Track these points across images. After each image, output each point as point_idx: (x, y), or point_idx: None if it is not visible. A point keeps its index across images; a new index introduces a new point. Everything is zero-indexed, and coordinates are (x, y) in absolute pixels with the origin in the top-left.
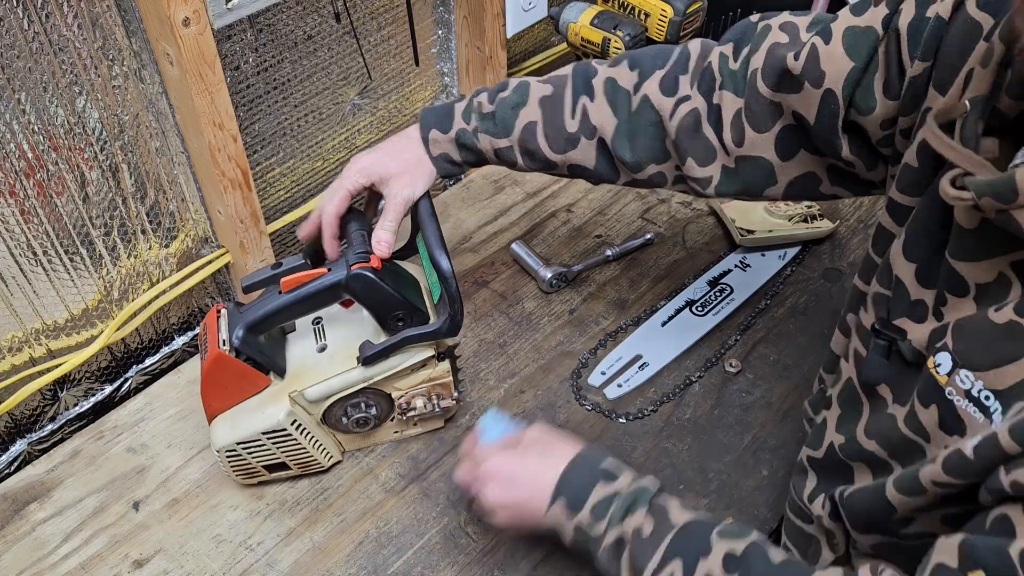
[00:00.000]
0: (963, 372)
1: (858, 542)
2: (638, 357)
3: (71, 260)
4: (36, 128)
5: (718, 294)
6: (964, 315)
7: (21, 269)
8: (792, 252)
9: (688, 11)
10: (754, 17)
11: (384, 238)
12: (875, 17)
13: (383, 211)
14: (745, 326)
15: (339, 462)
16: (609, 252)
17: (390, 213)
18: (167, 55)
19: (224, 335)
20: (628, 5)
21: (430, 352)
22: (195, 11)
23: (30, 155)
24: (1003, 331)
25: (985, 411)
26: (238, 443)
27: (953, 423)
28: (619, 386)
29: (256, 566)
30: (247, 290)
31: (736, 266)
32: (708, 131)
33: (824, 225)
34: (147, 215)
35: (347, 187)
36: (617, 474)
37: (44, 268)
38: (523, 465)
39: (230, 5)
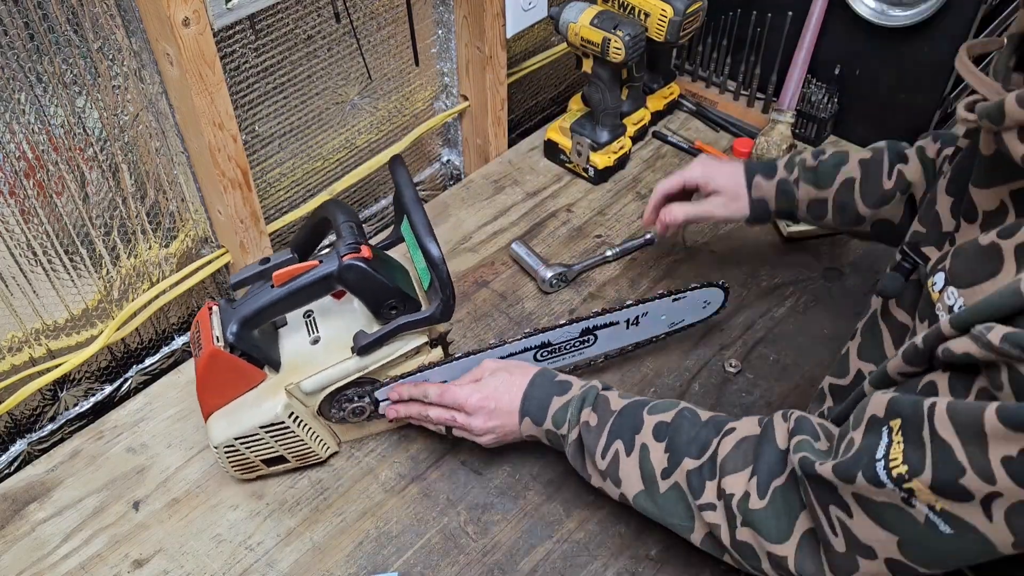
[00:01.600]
0: (950, 289)
1: None
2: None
3: (71, 260)
4: (36, 128)
5: (579, 343)
6: (966, 239)
7: (21, 269)
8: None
9: (688, 11)
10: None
11: (676, 213)
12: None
13: (696, 204)
14: (745, 326)
15: (336, 453)
16: (609, 252)
17: (700, 208)
18: (167, 55)
19: (218, 331)
20: (628, 5)
21: (423, 339)
22: (195, 11)
23: (30, 155)
24: (985, 252)
25: None
26: (236, 438)
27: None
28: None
29: (256, 566)
30: (236, 287)
31: (632, 319)
32: None
33: None
34: (147, 215)
35: (686, 176)
36: (568, 386)
37: (44, 268)
38: (493, 396)
39: (230, 5)
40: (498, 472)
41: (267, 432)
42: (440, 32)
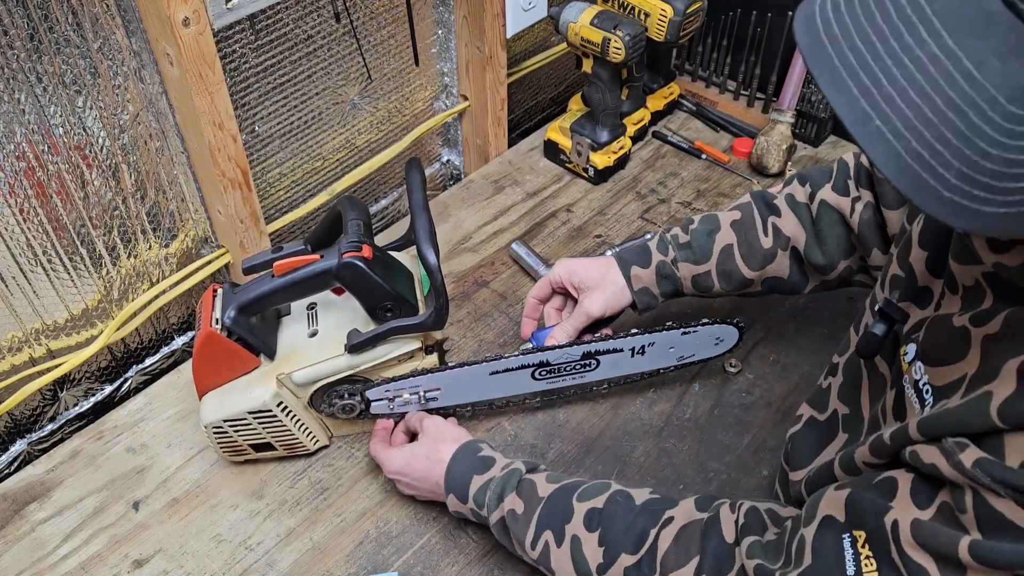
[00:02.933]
0: (919, 363)
1: None
2: (437, 389)
3: (71, 260)
4: (36, 128)
5: (580, 366)
6: (946, 312)
7: (21, 269)
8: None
9: (688, 11)
10: None
11: (559, 338)
12: None
13: (570, 317)
14: (745, 326)
15: (326, 446)
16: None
17: (575, 320)
18: (167, 55)
19: (218, 314)
20: (628, 5)
21: (417, 344)
22: (195, 11)
23: (30, 155)
24: (956, 334)
25: (922, 402)
26: (225, 420)
27: (900, 409)
28: (390, 404)
29: (256, 566)
30: (246, 272)
31: (640, 347)
32: (883, 221)
33: None
34: (147, 215)
35: (551, 280)
36: (490, 463)
37: (44, 268)
38: (417, 466)
39: (230, 5)
40: None
41: (255, 418)
42: (440, 32)
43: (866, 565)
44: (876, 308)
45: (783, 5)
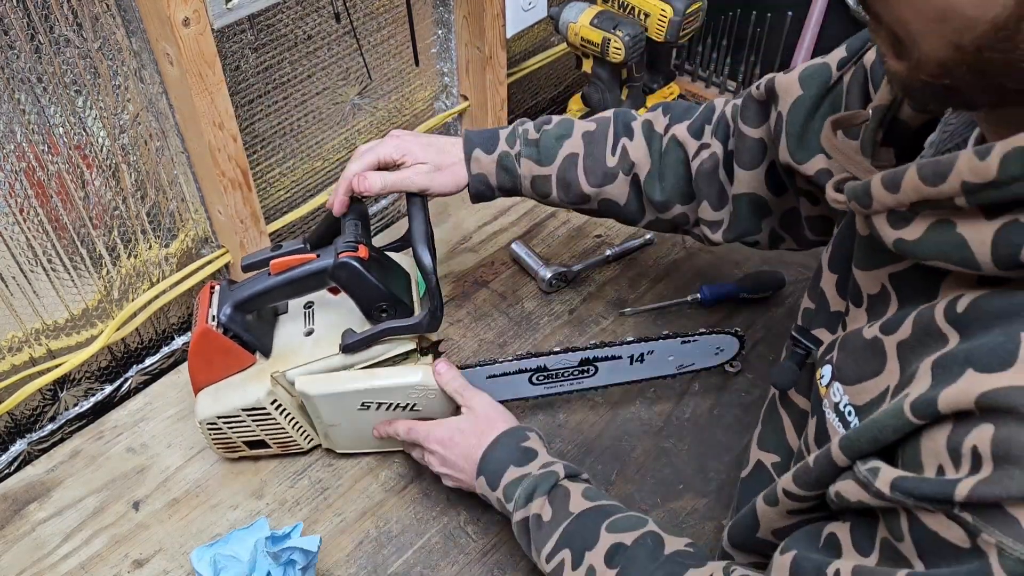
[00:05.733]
0: (836, 384)
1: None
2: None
3: (71, 260)
4: (36, 128)
5: (579, 371)
6: (854, 327)
7: (21, 269)
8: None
9: (688, 11)
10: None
11: (372, 180)
12: (832, 57)
13: (397, 171)
14: (745, 326)
15: (319, 445)
16: (609, 252)
17: (394, 177)
18: (167, 55)
19: (214, 311)
20: (628, 5)
21: (411, 345)
22: (195, 11)
23: (30, 155)
24: (868, 347)
25: (846, 425)
26: (219, 417)
27: (823, 436)
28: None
29: None
30: (245, 269)
31: (638, 356)
32: (722, 176)
33: None
34: (147, 215)
35: (379, 153)
36: (532, 456)
37: (44, 268)
38: (460, 442)
39: (230, 5)
40: None
41: (249, 415)
42: (440, 32)
43: None
44: (790, 335)
45: (783, 5)
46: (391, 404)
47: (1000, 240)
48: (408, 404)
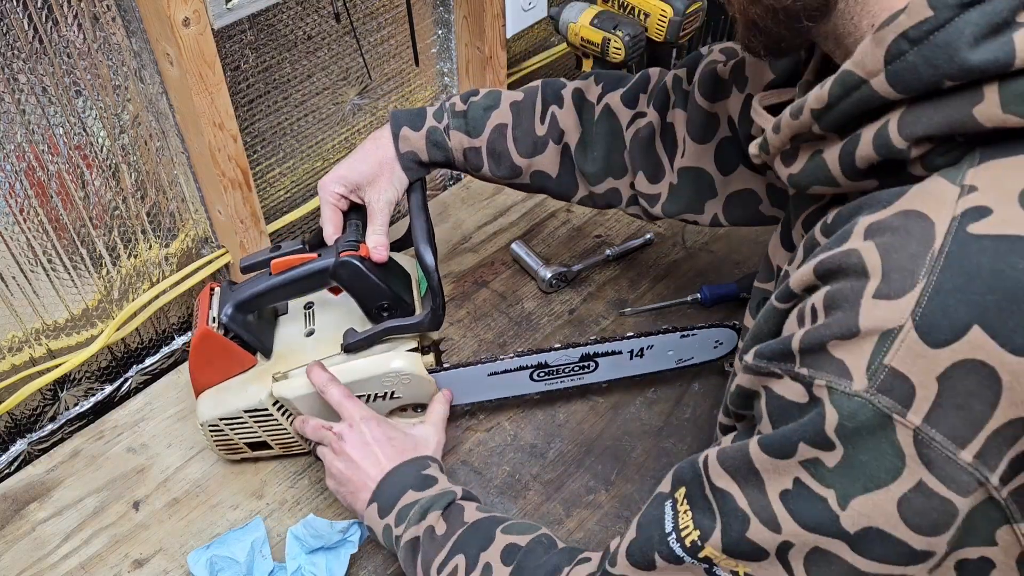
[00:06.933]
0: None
1: None
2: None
3: (71, 260)
4: (36, 128)
5: (579, 367)
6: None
7: (21, 269)
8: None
9: (688, 11)
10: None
11: (380, 242)
12: None
13: (370, 218)
14: (743, 329)
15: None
16: (609, 252)
17: (377, 218)
18: (167, 55)
19: (215, 312)
20: (628, 5)
21: (413, 344)
22: (195, 11)
23: (30, 155)
24: (770, 311)
25: None
26: (221, 419)
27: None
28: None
29: None
30: (244, 270)
31: (637, 350)
32: (660, 148)
33: None
34: (147, 215)
35: (331, 203)
36: (431, 484)
37: (44, 268)
38: (362, 460)
39: (230, 5)
40: (498, 472)
41: (251, 416)
42: (440, 32)
43: (683, 518)
44: (743, 325)
45: None
46: (370, 395)
47: (843, 152)
48: (387, 392)
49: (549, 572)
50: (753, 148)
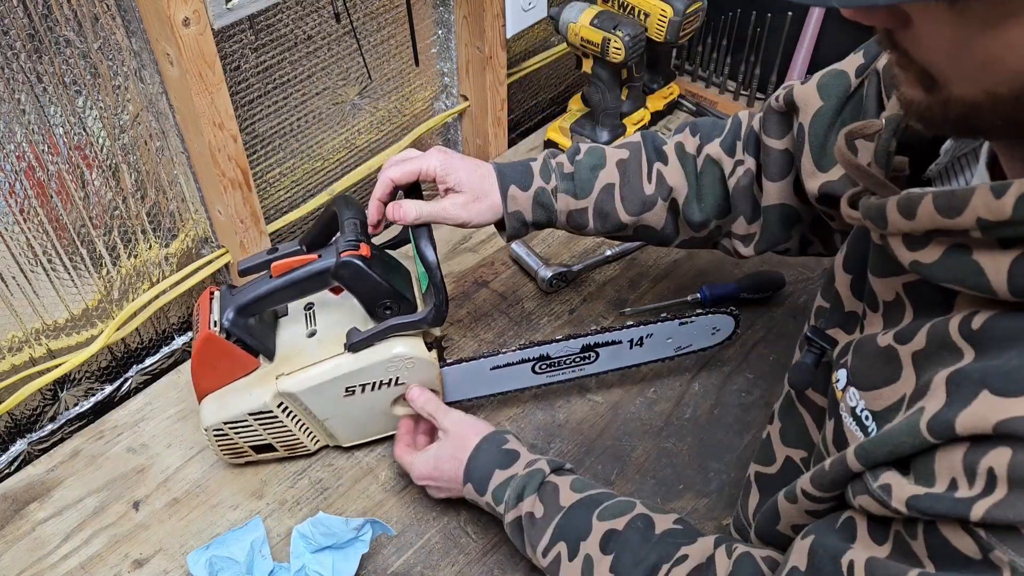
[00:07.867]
0: (852, 389)
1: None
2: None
3: (71, 260)
4: (36, 128)
5: (580, 359)
6: (870, 332)
7: (21, 269)
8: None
9: (688, 11)
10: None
11: (407, 208)
12: (850, 64)
13: (433, 202)
14: (745, 326)
15: (326, 446)
16: (609, 252)
17: (430, 208)
18: (167, 55)
19: (215, 316)
20: (628, 5)
21: (416, 342)
22: (195, 11)
23: (30, 155)
24: (884, 354)
25: (864, 430)
26: (225, 422)
27: (841, 439)
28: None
29: None
30: (242, 273)
31: (636, 340)
32: (756, 191)
33: None
34: (147, 215)
35: (422, 165)
36: (514, 457)
37: (44, 268)
38: (445, 468)
39: (230, 5)
40: None
41: (256, 419)
42: (440, 32)
43: None
44: (803, 337)
45: (783, 5)
46: (375, 383)
47: (1016, 271)
48: (391, 379)
49: (647, 572)
50: (851, 211)
